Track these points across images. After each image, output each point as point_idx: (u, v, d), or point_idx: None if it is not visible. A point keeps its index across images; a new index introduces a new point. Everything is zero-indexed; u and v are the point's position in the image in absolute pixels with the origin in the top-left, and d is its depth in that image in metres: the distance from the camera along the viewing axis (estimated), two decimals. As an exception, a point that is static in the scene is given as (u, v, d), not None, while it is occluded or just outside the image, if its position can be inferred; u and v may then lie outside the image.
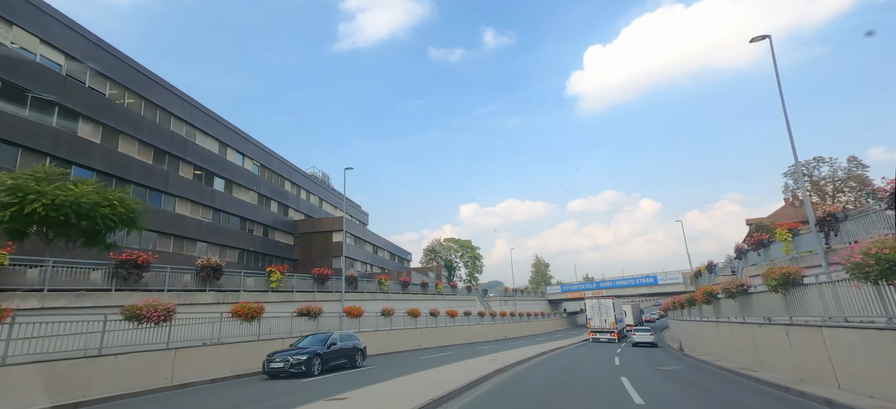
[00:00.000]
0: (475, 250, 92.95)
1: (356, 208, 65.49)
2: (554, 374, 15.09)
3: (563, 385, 12.13)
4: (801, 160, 46.69)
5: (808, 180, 46.61)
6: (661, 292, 53.81)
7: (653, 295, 58.30)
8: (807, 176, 47.15)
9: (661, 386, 12.05)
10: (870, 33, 57.86)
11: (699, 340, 26.60)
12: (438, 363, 17.84)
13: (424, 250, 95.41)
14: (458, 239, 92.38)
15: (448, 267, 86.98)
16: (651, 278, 53.93)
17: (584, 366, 18.59)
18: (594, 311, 39.55)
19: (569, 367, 17.97)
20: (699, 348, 26.11)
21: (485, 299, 49.21)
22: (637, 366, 18.45)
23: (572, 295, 66.71)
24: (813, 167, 46.74)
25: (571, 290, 66.89)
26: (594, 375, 14.89)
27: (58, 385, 9.53)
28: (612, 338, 38.90)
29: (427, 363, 18.08)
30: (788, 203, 54.11)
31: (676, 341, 34.77)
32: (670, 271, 52.22)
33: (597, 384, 12.25)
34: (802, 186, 27.61)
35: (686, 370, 18.03)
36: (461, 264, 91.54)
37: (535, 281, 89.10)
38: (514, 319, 49.55)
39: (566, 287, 68.33)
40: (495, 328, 42.59)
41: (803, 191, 23.82)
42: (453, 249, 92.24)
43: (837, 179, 45.85)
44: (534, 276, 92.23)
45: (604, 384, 12.34)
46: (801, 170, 48.40)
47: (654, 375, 15.09)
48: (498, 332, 42.84)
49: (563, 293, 68.64)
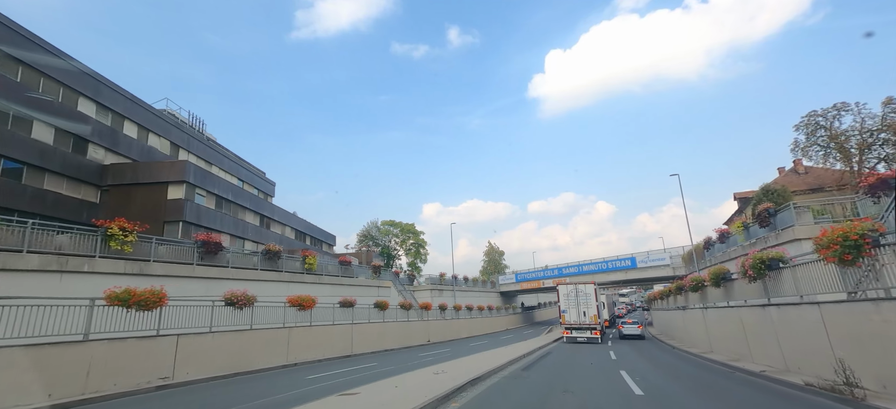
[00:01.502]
0: (419, 235, 79.19)
1: (255, 175, 49.84)
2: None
3: None
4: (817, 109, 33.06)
5: (826, 133, 36.46)
6: (641, 279, 42.42)
7: (630, 283, 46.99)
8: (824, 128, 36.94)
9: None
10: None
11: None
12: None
13: (358, 234, 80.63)
14: (398, 222, 78.25)
15: (386, 255, 72.65)
16: (627, 261, 42.60)
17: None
18: (570, 301, 29.26)
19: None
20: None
21: (407, 288, 35.36)
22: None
23: (529, 285, 54.49)
24: (833, 117, 36.41)
25: (528, 279, 54.69)
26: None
27: None
28: (593, 337, 27.95)
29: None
30: (786, 172, 44.36)
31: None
32: (653, 251, 41.09)
33: None
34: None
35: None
36: (402, 252, 77.53)
37: (487, 272, 76.56)
38: (450, 314, 36.24)
39: (522, 276, 56.05)
40: (414, 329, 28.91)
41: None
42: (392, 233, 78.04)
43: (865, 130, 35.45)
44: (486, 266, 79.84)
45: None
46: (817, 121, 38.53)
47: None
48: (419, 334, 29.21)
49: (517, 283, 56.32)
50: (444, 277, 44.25)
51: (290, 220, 49.23)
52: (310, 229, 53.70)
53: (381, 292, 29.49)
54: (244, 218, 36.31)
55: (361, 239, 79.35)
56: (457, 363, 15.95)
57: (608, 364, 16.58)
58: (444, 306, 36.01)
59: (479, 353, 20.11)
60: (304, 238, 51.29)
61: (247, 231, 36.08)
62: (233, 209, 34.87)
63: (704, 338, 20.30)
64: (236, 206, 35.48)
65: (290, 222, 49.00)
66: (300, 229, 50.53)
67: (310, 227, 53.78)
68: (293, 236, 48.27)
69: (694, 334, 22.66)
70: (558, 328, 41.30)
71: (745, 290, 14.56)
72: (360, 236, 79.44)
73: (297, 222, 50.51)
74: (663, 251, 39.94)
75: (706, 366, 16.09)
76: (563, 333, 29.76)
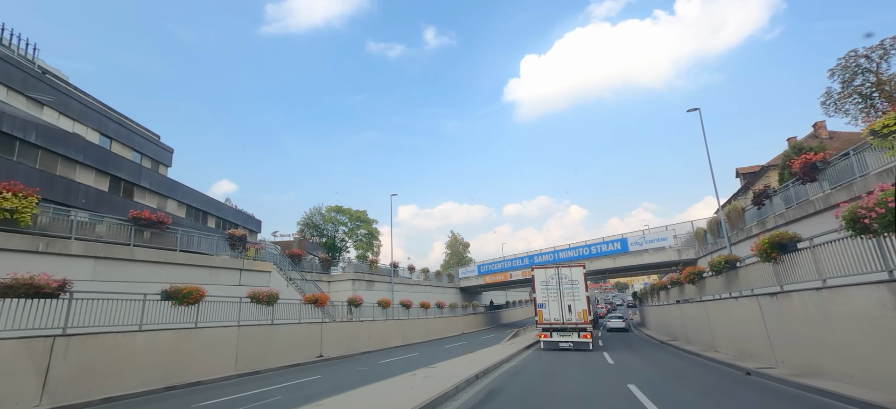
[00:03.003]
0: (371, 224, 68.33)
1: (146, 140, 37.86)
2: None
3: None
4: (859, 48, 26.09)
5: (874, 77, 28.56)
6: (634, 266, 33.42)
7: (620, 272, 38.01)
8: (870, 71, 28.98)
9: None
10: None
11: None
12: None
13: (299, 223, 69.03)
14: (346, 208, 67.12)
15: (330, 248, 61.44)
16: (616, 244, 33.56)
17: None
18: (550, 291, 20.84)
19: None
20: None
21: (305, 276, 24.42)
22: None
23: (494, 279, 44.74)
24: (880, 57, 28.44)
25: (493, 270, 44.90)
26: None
27: None
28: (581, 341, 19.85)
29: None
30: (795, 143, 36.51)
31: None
32: (651, 230, 32.11)
33: None
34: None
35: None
36: (350, 242, 66.43)
37: (449, 267, 66.47)
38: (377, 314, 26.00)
39: (486, 268, 46.23)
40: (303, 337, 18.37)
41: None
42: (339, 222, 66.89)
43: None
44: (448, 260, 69.82)
45: None
46: (859, 63, 30.62)
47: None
48: (306, 345, 18.69)
49: (480, 276, 46.42)
50: (376, 264, 33.88)
51: (188, 196, 37.67)
52: (226, 211, 42.10)
53: (252, 279, 18.90)
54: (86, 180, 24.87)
55: (303, 228, 67.90)
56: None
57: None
58: (365, 302, 25.73)
59: (380, 383, 10.09)
60: (205, 218, 39.69)
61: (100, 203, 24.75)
62: (65, 166, 23.44)
63: (765, 342, 11.18)
64: (72, 163, 24.04)
65: (186, 198, 37.46)
66: (199, 206, 38.93)
67: (218, 206, 42.16)
68: (185, 215, 36.70)
69: (723, 333, 13.66)
70: (526, 332, 31.74)
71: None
72: (301, 225, 67.98)
73: (197, 198, 38.89)
74: (664, 230, 31.05)
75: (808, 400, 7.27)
76: (540, 336, 20.63)
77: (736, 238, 20.24)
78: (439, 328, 35.08)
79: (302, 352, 17.46)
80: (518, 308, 65.60)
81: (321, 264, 29.33)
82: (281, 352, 16.18)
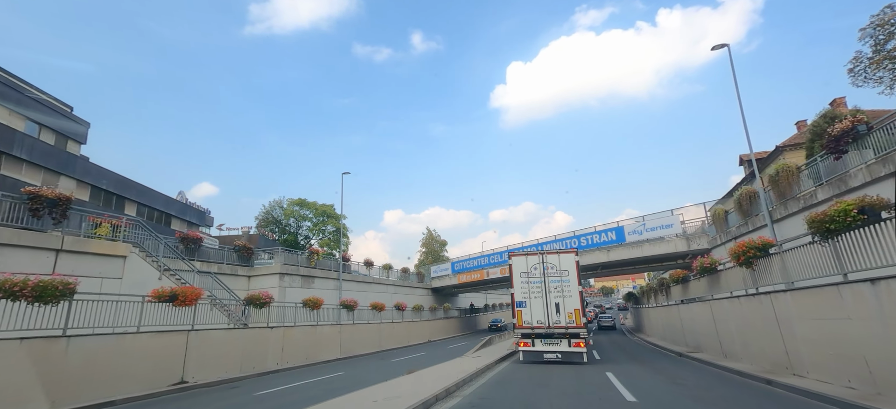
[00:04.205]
0: (338, 219, 61.78)
1: (49, 108, 30.95)
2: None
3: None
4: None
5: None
6: (632, 260, 27.70)
7: (613, 267, 32.25)
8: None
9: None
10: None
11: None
12: None
13: (256, 217, 62.11)
14: (311, 202, 60.39)
15: (290, 245, 54.62)
16: (610, 234, 27.97)
17: None
18: (532, 286, 15.85)
19: None
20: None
21: (209, 272, 17.40)
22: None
23: (470, 277, 38.67)
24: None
25: (469, 268, 38.86)
26: None
27: None
28: (573, 350, 14.86)
29: None
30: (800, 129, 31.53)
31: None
32: (653, 215, 26.48)
33: None
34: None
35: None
36: (314, 238, 59.71)
37: (424, 265, 60.19)
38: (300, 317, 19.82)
39: (460, 266, 40.13)
40: (159, 350, 12.13)
41: None
42: (301, 216, 60.26)
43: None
44: (423, 259, 63.53)
45: None
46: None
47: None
48: (169, 363, 12.44)
49: (454, 275, 40.26)
50: (319, 256, 27.53)
51: (93, 174, 30.89)
52: (140, 194, 35.26)
53: (88, 266, 12.57)
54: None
55: (262, 224, 61.02)
56: None
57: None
58: (320, 302, 19.55)
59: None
60: (121, 203, 32.86)
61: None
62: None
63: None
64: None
65: (89, 177, 30.71)
66: (110, 189, 32.09)
67: (142, 191, 35.33)
68: (89, 197, 29.85)
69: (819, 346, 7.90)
70: (503, 339, 25.77)
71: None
72: (261, 220, 61.09)
73: (107, 178, 32.07)
74: (669, 215, 25.51)
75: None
76: (519, 344, 15.39)
77: (782, 212, 14.71)
78: (400, 335, 28.87)
79: (145, 377, 11.16)
80: (498, 312, 59.64)
81: (239, 253, 22.86)
82: (96, 379, 9.90)
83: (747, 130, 16.58)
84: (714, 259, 13.40)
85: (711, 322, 14.29)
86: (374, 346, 24.81)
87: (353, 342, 22.64)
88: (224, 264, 21.53)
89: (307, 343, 18.64)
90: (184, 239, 18.72)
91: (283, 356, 16.68)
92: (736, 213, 18.75)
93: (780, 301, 9.54)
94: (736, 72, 17.06)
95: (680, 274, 18.02)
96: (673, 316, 20.40)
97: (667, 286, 22.19)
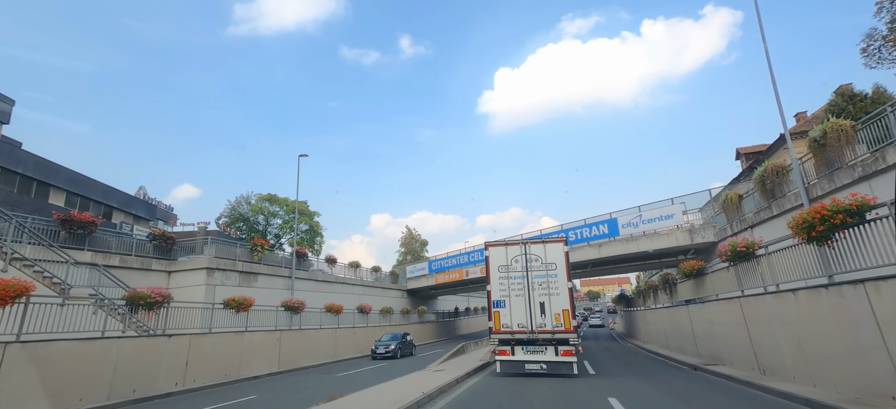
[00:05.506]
0: (312, 216, 57.69)
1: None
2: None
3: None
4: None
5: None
6: (628, 255, 24.32)
7: (606, 264, 28.84)
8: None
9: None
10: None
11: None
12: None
13: (221, 214, 57.47)
14: (281, 198, 56.16)
15: (255, 248, 50.07)
16: (603, 227, 24.70)
17: None
18: (512, 282, 12.99)
19: None
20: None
21: (96, 265, 13.18)
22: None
23: (448, 277, 34.97)
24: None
25: (448, 267, 35.18)
26: None
27: None
28: (562, 360, 11.78)
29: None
30: (807, 118, 28.76)
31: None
32: (650, 204, 23.14)
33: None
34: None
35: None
36: (283, 237, 55.36)
37: (401, 265, 56.28)
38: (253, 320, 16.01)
39: (438, 265, 36.47)
40: None
41: None
42: (271, 212, 55.98)
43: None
44: (401, 259, 59.56)
45: None
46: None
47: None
48: None
49: (431, 275, 36.54)
50: (263, 249, 23.56)
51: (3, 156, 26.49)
52: (71, 181, 30.79)
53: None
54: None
55: (228, 221, 56.45)
56: None
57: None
58: (249, 302, 15.80)
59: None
60: (45, 191, 28.42)
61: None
62: None
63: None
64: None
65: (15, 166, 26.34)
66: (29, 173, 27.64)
67: (73, 178, 30.87)
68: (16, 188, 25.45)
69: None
70: (479, 347, 22.14)
71: None
72: (227, 217, 56.49)
73: (23, 161, 27.64)
74: (669, 204, 22.29)
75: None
76: (497, 353, 12.77)
77: (826, 187, 11.48)
78: (362, 343, 24.99)
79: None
80: (481, 316, 56.00)
81: (155, 244, 18.66)
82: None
83: (776, 88, 13.40)
84: (751, 241, 10.04)
85: (742, 326, 10.91)
86: (326, 356, 20.92)
87: (297, 351, 18.73)
88: (131, 255, 17.43)
89: (228, 355, 14.75)
90: (66, 222, 14.66)
91: (187, 373, 12.78)
92: (757, 194, 15.53)
93: (886, 293, 6.15)
94: (764, 32, 13.87)
95: (695, 266, 14.74)
96: (680, 319, 17.07)
97: (672, 283, 18.90)
